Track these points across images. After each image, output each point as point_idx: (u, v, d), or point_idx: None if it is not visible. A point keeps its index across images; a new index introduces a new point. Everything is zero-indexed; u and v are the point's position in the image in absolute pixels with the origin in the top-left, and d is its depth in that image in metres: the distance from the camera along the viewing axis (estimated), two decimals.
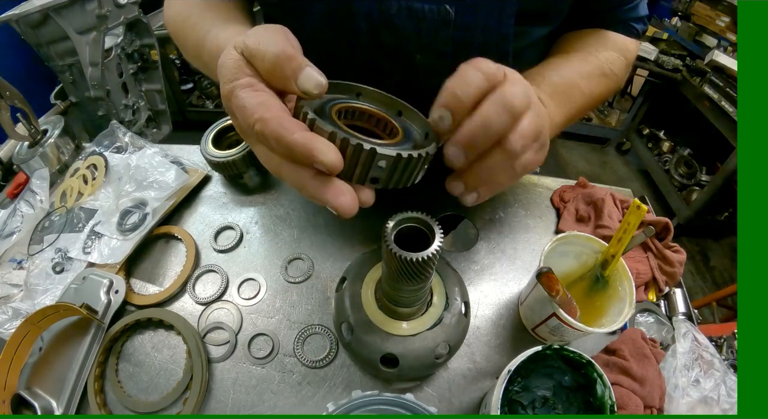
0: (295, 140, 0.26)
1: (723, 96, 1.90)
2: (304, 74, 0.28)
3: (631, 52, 0.55)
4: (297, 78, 0.28)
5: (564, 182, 0.71)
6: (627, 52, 0.54)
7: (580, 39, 0.53)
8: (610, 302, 0.47)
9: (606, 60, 0.50)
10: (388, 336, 0.43)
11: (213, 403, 0.47)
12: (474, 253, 0.61)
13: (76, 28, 1.56)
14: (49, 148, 0.70)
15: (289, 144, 0.26)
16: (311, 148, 0.25)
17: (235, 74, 0.30)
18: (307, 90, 0.28)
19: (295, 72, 0.28)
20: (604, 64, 0.50)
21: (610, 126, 2.83)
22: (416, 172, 0.30)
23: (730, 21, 2.09)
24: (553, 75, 0.45)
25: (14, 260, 0.60)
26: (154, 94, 2.11)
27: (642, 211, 0.42)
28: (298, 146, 0.26)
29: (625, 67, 0.53)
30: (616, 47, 0.53)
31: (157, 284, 0.57)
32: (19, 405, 0.45)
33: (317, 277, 0.58)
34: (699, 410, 0.44)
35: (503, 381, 0.38)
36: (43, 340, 0.49)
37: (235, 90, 0.29)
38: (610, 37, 0.54)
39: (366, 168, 0.28)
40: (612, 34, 0.54)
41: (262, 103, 0.28)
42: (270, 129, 0.27)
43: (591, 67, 0.49)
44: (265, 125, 0.27)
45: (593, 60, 0.49)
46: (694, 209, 2.10)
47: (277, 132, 0.26)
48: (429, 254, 0.33)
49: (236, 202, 0.67)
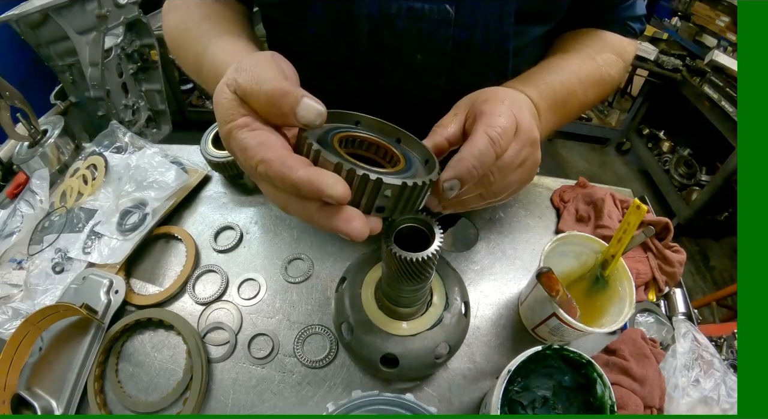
0: (300, 178, 0.26)
1: (723, 96, 1.90)
2: (303, 106, 0.28)
3: (628, 53, 0.55)
4: (296, 112, 0.28)
5: (564, 182, 0.71)
6: (625, 53, 0.54)
7: (579, 40, 0.53)
8: (610, 302, 0.47)
9: (604, 62, 0.50)
10: (388, 336, 0.43)
11: (213, 403, 0.47)
12: (474, 253, 0.61)
13: (76, 28, 1.56)
14: (49, 148, 0.70)
15: (294, 183, 0.26)
16: (318, 184, 0.25)
17: (231, 115, 0.30)
18: (309, 122, 0.28)
19: (293, 106, 0.28)
20: (603, 68, 0.50)
21: (610, 126, 2.83)
22: (420, 199, 0.30)
23: (730, 21, 2.08)
24: (555, 82, 0.45)
25: (14, 261, 0.60)
26: (154, 94, 2.11)
27: (642, 211, 0.42)
28: (303, 183, 0.26)
29: (622, 69, 0.54)
30: (614, 49, 0.53)
31: (157, 284, 0.57)
32: (19, 405, 0.45)
33: (317, 277, 0.58)
34: (699, 410, 0.44)
35: (503, 381, 0.38)
36: (43, 340, 0.49)
37: (233, 131, 0.29)
38: (608, 39, 0.54)
39: (372, 198, 0.28)
40: (610, 35, 0.54)
41: (262, 143, 0.28)
42: (274, 170, 0.27)
43: (590, 72, 0.49)
44: (269, 167, 0.27)
45: (592, 64, 0.49)
46: (694, 209, 2.10)
47: (281, 172, 0.26)
48: (429, 254, 0.33)
49: (236, 202, 0.67)
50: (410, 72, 0.48)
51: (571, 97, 0.46)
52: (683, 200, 2.21)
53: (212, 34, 0.46)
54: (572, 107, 0.47)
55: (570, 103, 0.46)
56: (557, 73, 0.46)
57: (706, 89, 2.00)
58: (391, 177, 0.27)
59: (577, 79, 0.47)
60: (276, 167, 0.26)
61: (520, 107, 0.37)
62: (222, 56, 0.42)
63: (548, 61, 0.48)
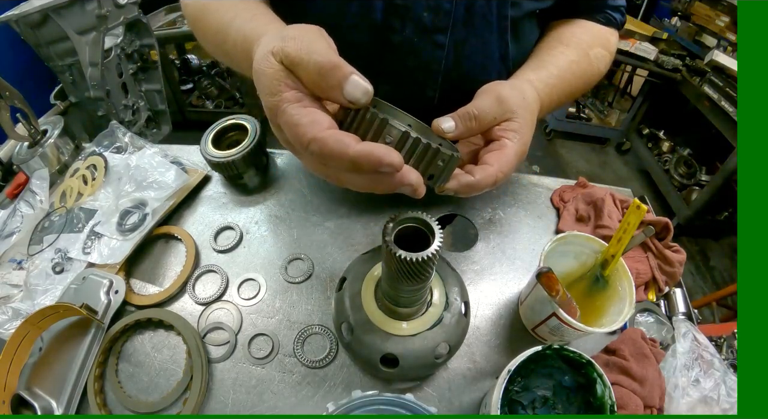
0: (357, 154, 0.27)
1: (723, 96, 1.90)
2: (350, 83, 0.28)
3: (612, 44, 0.60)
4: (343, 87, 0.28)
5: (564, 182, 0.71)
6: (609, 45, 0.59)
7: (572, 32, 0.57)
8: (610, 302, 0.47)
9: (596, 58, 0.56)
10: (388, 336, 0.43)
11: (213, 403, 0.47)
12: (474, 253, 0.61)
13: (76, 28, 1.56)
14: (48, 148, 0.70)
15: (352, 159, 0.27)
16: (376, 156, 0.27)
17: (278, 86, 0.30)
18: (355, 99, 0.29)
19: (340, 82, 0.28)
20: (594, 62, 0.55)
21: (610, 126, 2.83)
22: (451, 172, 0.34)
23: (729, 21, 2.08)
24: (553, 75, 0.50)
25: (14, 261, 0.60)
26: (153, 94, 2.11)
27: (642, 211, 0.42)
28: (361, 158, 0.27)
29: (609, 62, 0.59)
30: (602, 42, 0.58)
31: (157, 284, 0.57)
32: (19, 405, 0.45)
33: (317, 277, 0.58)
34: (699, 410, 0.44)
35: (503, 381, 0.38)
36: (43, 340, 0.49)
37: (282, 105, 0.30)
38: (595, 31, 0.58)
39: (427, 165, 0.31)
40: (596, 27, 0.58)
41: (314, 121, 0.29)
42: (329, 148, 0.28)
43: (584, 67, 0.54)
44: (323, 145, 0.28)
45: (587, 60, 0.55)
46: (693, 209, 2.10)
47: (338, 149, 0.28)
48: (429, 254, 0.33)
49: (236, 202, 0.67)
50: (418, 30, 0.50)
51: (564, 90, 0.52)
52: (683, 200, 2.21)
53: (239, 4, 0.47)
54: (562, 98, 0.53)
55: (562, 94, 0.52)
56: (558, 67, 0.51)
57: (706, 89, 2.00)
58: (444, 148, 0.30)
59: (572, 75, 0.53)
60: (331, 145, 0.28)
61: (527, 139, 0.42)
62: (250, 26, 0.42)
63: (552, 52, 0.53)
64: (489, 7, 0.49)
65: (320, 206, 0.65)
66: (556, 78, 0.50)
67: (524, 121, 0.41)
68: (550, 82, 0.49)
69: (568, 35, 0.56)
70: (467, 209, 0.66)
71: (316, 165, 0.32)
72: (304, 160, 0.33)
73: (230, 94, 2.70)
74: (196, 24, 0.53)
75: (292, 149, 0.34)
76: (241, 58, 0.40)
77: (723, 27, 2.12)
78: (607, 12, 0.59)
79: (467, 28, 0.50)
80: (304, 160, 0.33)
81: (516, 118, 0.41)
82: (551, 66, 0.51)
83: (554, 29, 0.59)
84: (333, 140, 0.28)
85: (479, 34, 0.51)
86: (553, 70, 0.51)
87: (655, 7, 2.77)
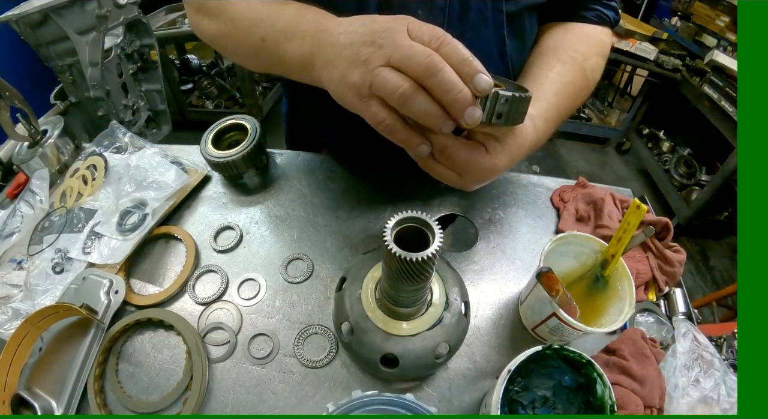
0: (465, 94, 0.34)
1: (723, 96, 1.90)
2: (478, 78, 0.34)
3: (606, 46, 0.60)
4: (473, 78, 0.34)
5: (564, 181, 0.71)
6: (604, 47, 0.59)
7: (569, 43, 0.57)
8: (610, 302, 0.47)
9: (591, 70, 0.56)
10: (388, 336, 0.43)
11: (213, 403, 0.47)
12: (474, 253, 0.61)
13: (76, 28, 1.56)
14: (48, 148, 0.70)
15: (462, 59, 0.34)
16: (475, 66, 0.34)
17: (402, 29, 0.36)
18: (481, 89, 0.34)
19: (471, 76, 0.34)
20: (590, 76, 0.56)
21: (610, 126, 2.83)
22: (525, 111, 0.39)
23: (729, 21, 2.08)
24: (552, 105, 0.51)
25: (14, 261, 0.60)
26: (153, 94, 2.11)
27: (642, 211, 0.42)
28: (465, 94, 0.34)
29: (603, 66, 0.59)
30: (597, 48, 0.57)
31: (157, 284, 0.57)
32: (19, 405, 0.45)
33: (317, 277, 0.58)
34: (699, 410, 0.44)
35: (503, 381, 0.38)
36: (43, 340, 0.49)
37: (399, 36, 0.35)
38: (590, 35, 0.58)
39: (493, 104, 0.36)
40: (590, 29, 0.58)
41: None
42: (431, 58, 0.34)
43: (579, 86, 0.55)
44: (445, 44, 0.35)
45: (582, 76, 0.55)
46: (693, 208, 2.10)
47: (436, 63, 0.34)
48: (429, 254, 0.33)
49: (236, 202, 0.67)
50: None
51: (560, 112, 0.52)
52: (683, 199, 2.21)
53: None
54: (559, 119, 0.53)
55: (559, 117, 0.53)
56: (556, 95, 0.52)
57: (705, 89, 2.00)
58: (504, 91, 0.36)
59: (567, 97, 0.53)
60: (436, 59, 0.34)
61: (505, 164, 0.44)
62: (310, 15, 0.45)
63: (549, 79, 0.53)
64: (484, 1, 0.49)
65: (320, 206, 0.65)
66: (554, 109, 0.50)
67: (509, 155, 0.44)
68: (549, 116, 0.50)
69: (564, 48, 0.56)
70: (467, 209, 0.66)
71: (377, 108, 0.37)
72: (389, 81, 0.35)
73: (230, 94, 2.71)
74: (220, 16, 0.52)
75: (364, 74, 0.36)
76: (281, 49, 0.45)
77: (723, 27, 2.12)
78: (600, 9, 0.58)
79: (462, 24, 0.50)
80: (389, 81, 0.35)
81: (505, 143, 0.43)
82: (549, 94, 0.51)
83: (550, 36, 0.58)
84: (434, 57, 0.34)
85: (475, 30, 0.51)
86: (552, 100, 0.51)
87: (655, 7, 2.77)
